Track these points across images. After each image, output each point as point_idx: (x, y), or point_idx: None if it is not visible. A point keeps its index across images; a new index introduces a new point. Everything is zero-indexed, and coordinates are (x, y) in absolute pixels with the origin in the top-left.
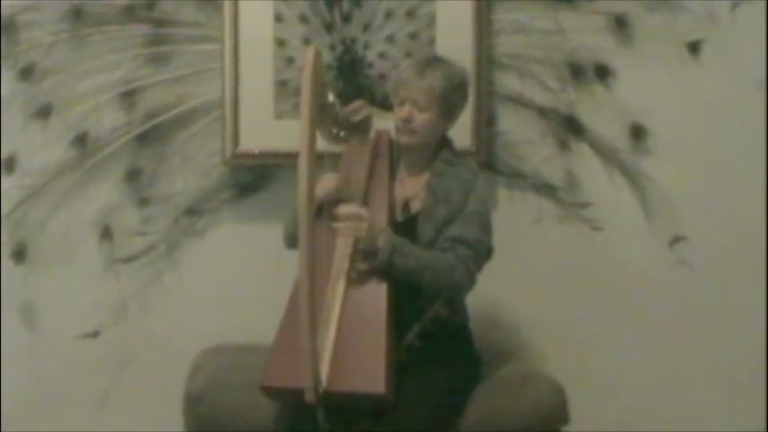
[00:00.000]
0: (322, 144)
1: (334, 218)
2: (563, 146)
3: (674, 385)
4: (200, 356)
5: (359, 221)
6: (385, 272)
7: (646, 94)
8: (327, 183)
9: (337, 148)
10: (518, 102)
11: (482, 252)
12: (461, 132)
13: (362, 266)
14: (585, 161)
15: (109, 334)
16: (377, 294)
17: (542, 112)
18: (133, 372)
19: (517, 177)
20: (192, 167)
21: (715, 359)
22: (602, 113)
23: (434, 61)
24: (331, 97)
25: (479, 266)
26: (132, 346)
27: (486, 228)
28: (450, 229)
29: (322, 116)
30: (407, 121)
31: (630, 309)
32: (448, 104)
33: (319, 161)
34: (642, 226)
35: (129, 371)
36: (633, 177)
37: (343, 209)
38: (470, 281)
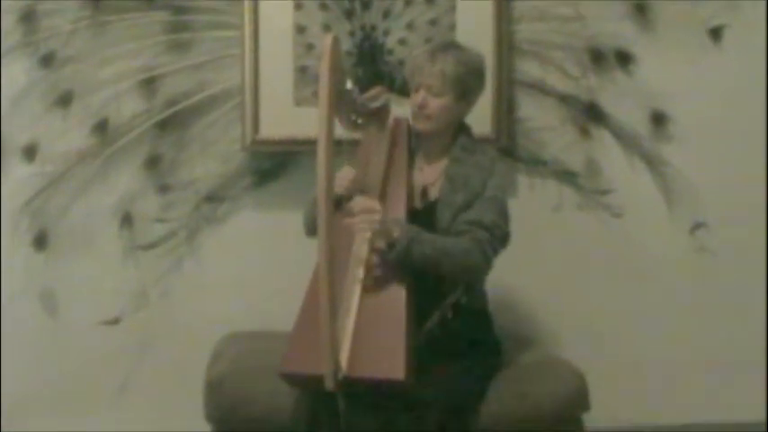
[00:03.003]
0: (340, 131)
1: (348, 214)
2: (583, 132)
3: (695, 371)
4: (220, 342)
5: (372, 215)
6: (403, 261)
7: (667, 80)
8: (344, 177)
9: (355, 135)
10: (538, 88)
11: (499, 236)
12: (481, 119)
13: (380, 257)
14: (606, 148)
15: (129, 321)
16: (396, 281)
17: (563, 98)
18: (153, 358)
19: (537, 164)
20: (211, 154)
21: (737, 345)
22: (622, 100)
23: (447, 46)
24: (349, 84)
25: (496, 251)
26: (152, 333)
27: (504, 213)
28: (467, 212)
29: (340, 103)
30: (422, 106)
31: (651, 296)
32: (462, 89)
33: (337, 148)
34: (663, 212)
35: (149, 357)
36: (654, 164)
37: (356, 203)
38: (487, 264)
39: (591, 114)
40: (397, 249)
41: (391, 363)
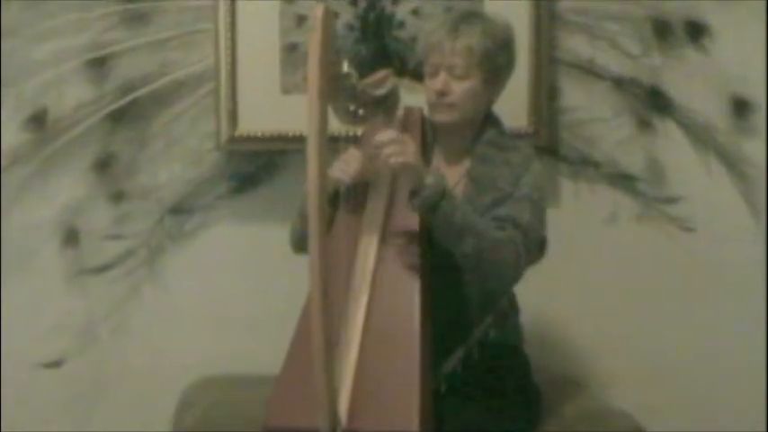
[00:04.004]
0: (336, 125)
1: (375, 147)
2: (644, 125)
3: None
4: (189, 389)
5: (404, 144)
6: (424, 215)
7: (749, 59)
8: (350, 161)
9: (356, 131)
10: (587, 70)
11: (534, 239)
12: (516, 109)
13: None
14: (673, 144)
15: (75, 363)
16: (409, 308)
17: (618, 82)
18: (106, 409)
19: (585, 165)
20: (178, 154)
21: None
22: (694, 84)
23: (471, 16)
24: (347, 66)
25: (531, 255)
26: (104, 378)
27: (541, 216)
28: (497, 209)
29: (335, 90)
30: (443, 93)
31: (731, 328)
32: (491, 69)
33: (333, 146)
34: (745, 225)
35: (100, 408)
36: (733, 163)
37: (380, 137)
38: (518, 265)
39: (654, 102)
40: (423, 195)
41: (403, 413)
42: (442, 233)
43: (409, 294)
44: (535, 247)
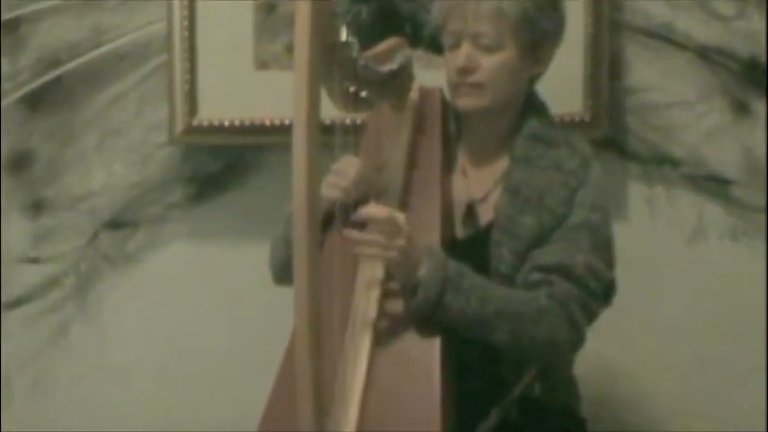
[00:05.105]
0: (331, 110)
1: (352, 228)
2: (739, 110)
3: None
4: None
5: (391, 233)
6: (431, 318)
7: None
8: (345, 172)
9: (357, 118)
10: (663, 38)
11: (596, 289)
12: (567, 91)
13: (396, 309)
14: None
15: None
16: (425, 356)
17: (704, 53)
18: None
19: (661, 165)
20: (118, 151)
21: None
22: None
23: None
24: (345, 34)
25: (591, 313)
26: None
27: (605, 250)
28: (542, 251)
29: (331, 64)
30: (467, 70)
31: None
32: (531, 37)
33: (326, 138)
34: None
35: None
36: None
37: (367, 212)
38: (576, 336)
39: (752, 79)
40: (420, 297)
41: None
42: (460, 331)
43: (426, 340)
44: (599, 299)
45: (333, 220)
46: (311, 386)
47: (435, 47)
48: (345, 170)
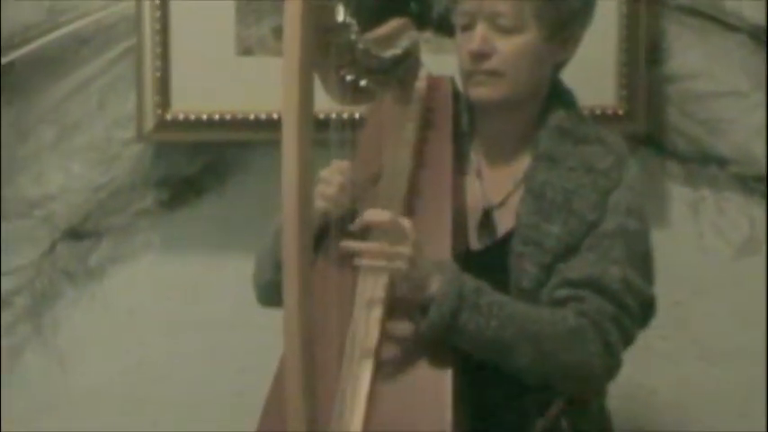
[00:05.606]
0: (326, 101)
1: (351, 239)
2: None
3: None
4: None
5: (397, 241)
6: (445, 340)
7: None
8: (334, 178)
9: (356, 109)
10: (710, 17)
11: (633, 307)
12: (598, 79)
13: (402, 332)
14: None
15: None
16: (435, 387)
17: (756, 35)
18: None
19: (706, 164)
20: (79, 148)
21: None
22: None
23: None
24: (343, 14)
25: (628, 334)
26: None
27: (643, 261)
28: (570, 263)
29: (326, 49)
30: (482, 55)
31: None
32: (555, 18)
33: (320, 134)
34: None
35: None
36: None
37: (367, 217)
38: (610, 360)
39: None
40: (431, 316)
41: None
42: (474, 353)
43: (437, 367)
44: (636, 318)
45: (325, 236)
46: (303, 425)
47: (445, 28)
48: (331, 177)
